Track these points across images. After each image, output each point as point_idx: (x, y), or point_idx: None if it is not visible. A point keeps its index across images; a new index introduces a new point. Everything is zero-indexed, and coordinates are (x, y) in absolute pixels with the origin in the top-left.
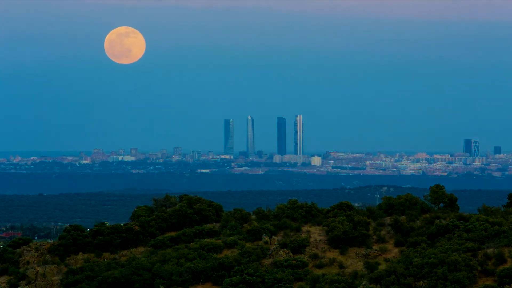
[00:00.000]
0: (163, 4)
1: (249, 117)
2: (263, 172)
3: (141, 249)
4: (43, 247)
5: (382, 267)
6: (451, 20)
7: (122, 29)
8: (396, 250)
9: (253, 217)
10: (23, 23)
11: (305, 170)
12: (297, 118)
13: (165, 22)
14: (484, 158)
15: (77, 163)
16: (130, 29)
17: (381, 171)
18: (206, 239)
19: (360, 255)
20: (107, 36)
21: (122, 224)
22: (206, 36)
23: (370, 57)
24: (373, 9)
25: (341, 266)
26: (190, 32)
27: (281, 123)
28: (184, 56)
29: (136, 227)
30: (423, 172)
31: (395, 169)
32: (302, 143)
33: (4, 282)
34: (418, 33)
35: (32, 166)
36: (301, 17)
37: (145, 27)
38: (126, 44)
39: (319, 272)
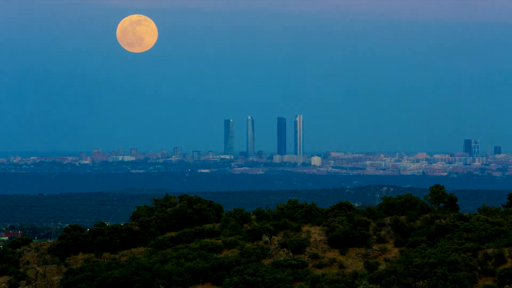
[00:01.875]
0: (167, 6)
1: (249, 117)
2: (263, 172)
3: (141, 249)
4: (43, 247)
5: (382, 267)
6: (451, 21)
7: (134, 17)
8: (396, 250)
9: (253, 217)
10: (25, 22)
11: (305, 170)
12: (297, 118)
13: (167, 23)
14: (484, 158)
15: (77, 163)
16: (143, 17)
17: (381, 171)
18: (206, 239)
19: (360, 255)
20: (119, 24)
21: (122, 224)
22: (206, 37)
23: (369, 58)
24: (372, 10)
25: (341, 266)
26: (189, 34)
27: (281, 123)
28: (183, 56)
29: (136, 227)
30: (423, 172)
31: (395, 169)
32: (302, 143)
33: (4, 282)
34: (417, 34)
35: (32, 166)
36: (301, 18)
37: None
38: (138, 32)
39: (319, 272)
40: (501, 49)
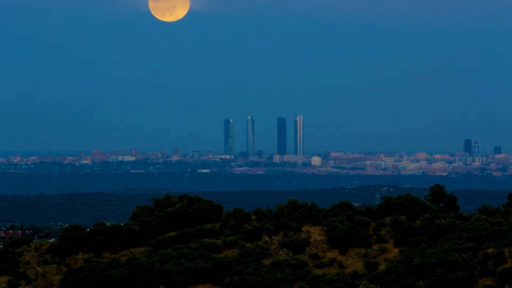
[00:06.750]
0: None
1: (249, 117)
2: (263, 172)
3: (141, 249)
4: (43, 247)
5: (382, 267)
6: (450, 21)
7: None
8: (396, 250)
9: (253, 217)
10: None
11: (305, 170)
12: (297, 118)
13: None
14: (484, 158)
15: (77, 163)
16: None
17: (381, 171)
18: (206, 239)
19: (360, 255)
20: None
21: (122, 224)
22: (206, 38)
23: (369, 58)
24: (372, 11)
25: (341, 266)
26: (189, 35)
27: (281, 123)
28: (183, 57)
29: (136, 227)
30: (423, 172)
31: (395, 169)
32: (302, 143)
33: (4, 282)
34: (417, 35)
35: (32, 166)
36: (300, 19)
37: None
38: (171, 1)
39: (319, 272)
40: (501, 49)
